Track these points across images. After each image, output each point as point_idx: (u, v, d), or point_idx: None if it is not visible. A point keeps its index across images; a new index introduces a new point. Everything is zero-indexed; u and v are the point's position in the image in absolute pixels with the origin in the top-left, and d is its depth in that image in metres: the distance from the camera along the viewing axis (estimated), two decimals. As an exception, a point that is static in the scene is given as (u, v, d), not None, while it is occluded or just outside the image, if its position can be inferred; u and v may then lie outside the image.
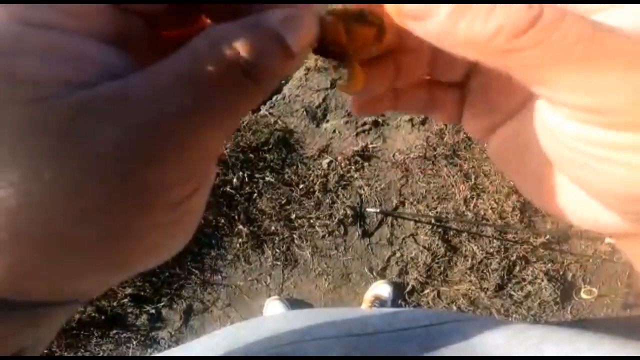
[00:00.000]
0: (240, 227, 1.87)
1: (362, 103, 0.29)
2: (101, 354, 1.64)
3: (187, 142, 0.18)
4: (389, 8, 0.20)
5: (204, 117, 0.18)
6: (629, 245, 0.25)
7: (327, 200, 1.95)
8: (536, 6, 0.17)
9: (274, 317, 0.59)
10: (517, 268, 1.86)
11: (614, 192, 0.20)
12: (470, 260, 1.86)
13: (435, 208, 1.95)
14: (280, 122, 2.02)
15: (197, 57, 0.18)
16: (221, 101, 0.18)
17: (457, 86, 0.29)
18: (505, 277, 1.84)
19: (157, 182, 0.18)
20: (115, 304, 1.70)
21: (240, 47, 0.18)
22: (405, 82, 0.28)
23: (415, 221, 1.94)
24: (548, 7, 0.17)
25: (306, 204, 1.92)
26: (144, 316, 1.71)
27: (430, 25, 0.18)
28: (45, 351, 1.58)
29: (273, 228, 1.90)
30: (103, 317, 1.66)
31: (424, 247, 1.89)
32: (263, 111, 2.05)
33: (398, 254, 1.90)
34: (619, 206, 0.21)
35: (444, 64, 0.27)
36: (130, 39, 0.21)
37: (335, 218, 1.92)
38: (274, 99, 2.09)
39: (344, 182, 1.98)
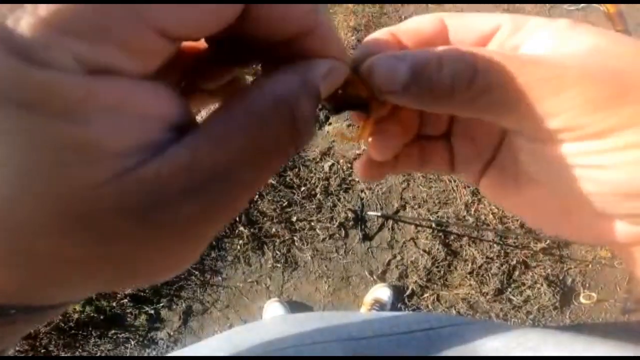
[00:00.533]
0: (241, 228, 1.87)
1: (370, 168, 0.31)
2: (99, 354, 1.63)
3: (237, 205, 0.19)
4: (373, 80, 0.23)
5: (254, 185, 0.18)
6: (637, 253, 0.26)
7: (329, 203, 1.95)
8: (469, 54, 0.21)
9: (273, 320, 0.60)
10: (517, 272, 1.86)
11: (611, 194, 0.22)
12: (470, 264, 1.86)
13: (436, 212, 1.95)
14: (282, 124, 2.02)
15: (263, 125, 0.17)
16: (271, 170, 0.19)
17: (444, 138, 0.31)
18: (505, 281, 1.84)
19: (204, 238, 0.19)
20: (114, 304, 1.69)
21: (299, 115, 0.18)
22: (407, 139, 0.30)
23: (416, 225, 1.94)
24: (479, 52, 0.21)
25: (307, 207, 1.92)
26: (143, 316, 1.70)
27: (403, 95, 0.22)
28: (43, 350, 1.58)
29: (274, 230, 1.90)
30: (102, 317, 1.66)
31: (424, 251, 1.89)
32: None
33: (398, 258, 1.90)
34: (620, 208, 0.23)
35: (430, 116, 0.30)
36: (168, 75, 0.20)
37: (336, 221, 1.92)
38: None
39: (346, 185, 1.98)
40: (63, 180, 0.14)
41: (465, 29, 0.26)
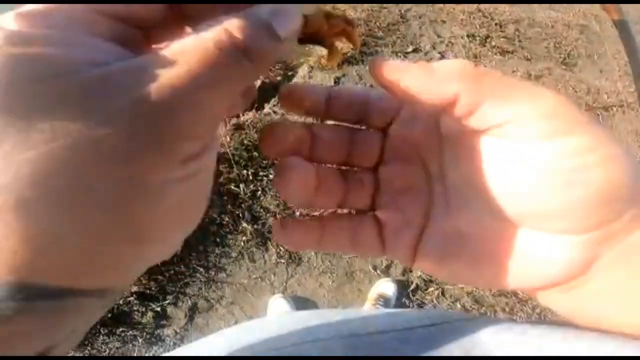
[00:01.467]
0: (245, 225, 1.87)
1: (289, 229, 0.31)
2: (107, 352, 1.65)
3: (196, 101, 0.20)
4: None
5: (210, 82, 0.20)
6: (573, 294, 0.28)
7: (332, 198, 1.94)
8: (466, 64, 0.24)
9: (274, 318, 0.60)
10: (522, 266, 1.85)
11: (595, 194, 0.23)
12: (474, 258, 1.86)
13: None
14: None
15: (201, 39, 0.20)
16: (223, 72, 0.20)
17: (370, 211, 0.32)
18: (510, 275, 1.83)
19: (171, 133, 0.19)
20: (121, 302, 1.71)
21: (238, 33, 0.21)
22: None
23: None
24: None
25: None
26: (150, 314, 1.72)
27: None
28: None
29: (277, 226, 1.90)
30: (110, 315, 1.68)
31: (429, 245, 1.89)
32: (267, 109, 2.06)
33: (402, 252, 1.90)
34: (599, 211, 0.24)
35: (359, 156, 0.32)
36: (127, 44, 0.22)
37: (339, 216, 1.91)
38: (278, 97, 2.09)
39: (348, 180, 1.97)
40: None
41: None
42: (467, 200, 0.29)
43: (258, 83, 1.82)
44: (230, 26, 0.21)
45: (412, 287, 1.83)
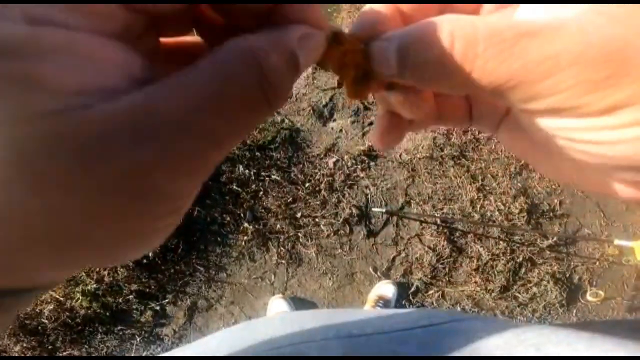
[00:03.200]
0: (246, 225, 1.87)
1: (388, 134, 0.30)
2: (105, 350, 1.64)
3: (202, 160, 0.18)
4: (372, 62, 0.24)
5: (219, 139, 0.18)
6: None
7: (333, 200, 1.94)
8: (447, 33, 0.20)
9: (273, 318, 0.59)
10: (523, 270, 1.85)
11: (616, 167, 0.22)
12: (475, 261, 1.85)
13: (442, 209, 1.94)
14: (287, 121, 2.02)
15: (227, 74, 0.17)
16: (241, 123, 0.18)
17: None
18: (511, 278, 1.83)
19: (167, 195, 0.18)
20: (120, 300, 1.70)
21: (265, 63, 0.18)
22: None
23: (421, 221, 1.93)
24: (459, 31, 0.20)
25: (312, 203, 1.92)
26: (149, 313, 1.71)
27: (397, 76, 0.22)
28: (50, 347, 1.60)
29: (278, 226, 1.90)
30: (108, 313, 1.67)
31: (429, 248, 1.88)
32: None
33: (403, 254, 1.89)
34: (622, 175, 0.22)
35: None
36: (137, 42, 0.19)
37: (340, 217, 1.92)
38: (280, 97, 2.09)
39: (350, 182, 1.98)
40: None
41: None
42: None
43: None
44: (265, 56, 0.18)
45: (413, 289, 1.83)
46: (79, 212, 0.16)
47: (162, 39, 0.23)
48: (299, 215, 1.91)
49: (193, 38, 0.24)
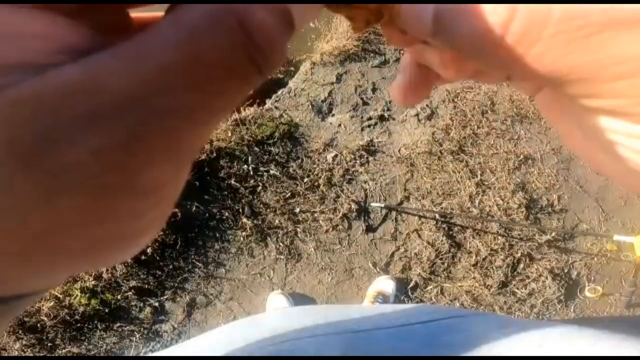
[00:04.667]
0: (244, 220, 1.87)
1: (414, 89, 0.25)
2: (104, 347, 1.64)
3: (176, 142, 0.15)
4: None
5: (199, 116, 0.15)
6: None
7: (332, 195, 1.94)
8: (507, 7, 0.16)
9: (272, 314, 0.59)
10: (522, 265, 1.85)
11: None
12: (474, 256, 1.86)
13: (440, 204, 1.94)
14: (285, 116, 2.01)
15: (196, 35, 0.13)
16: (221, 97, 0.15)
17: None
18: (509, 274, 1.84)
19: (138, 187, 0.15)
20: (119, 296, 1.70)
21: (252, 25, 0.14)
22: None
23: (420, 216, 1.93)
24: (525, 6, 0.16)
25: (310, 198, 1.92)
26: (148, 309, 1.71)
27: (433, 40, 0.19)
28: (49, 344, 1.60)
29: (277, 222, 1.90)
30: (107, 310, 1.67)
31: (428, 243, 1.88)
32: (268, 105, 2.04)
33: (402, 250, 1.90)
34: None
35: None
36: (85, 13, 0.16)
37: (339, 212, 1.91)
38: (279, 92, 2.08)
39: (349, 177, 1.97)
40: None
41: None
42: None
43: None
44: (245, 12, 0.14)
45: (411, 284, 1.83)
46: (34, 220, 0.13)
47: (133, 15, 0.19)
48: (297, 210, 1.91)
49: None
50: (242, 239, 1.86)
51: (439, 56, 0.23)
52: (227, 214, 1.86)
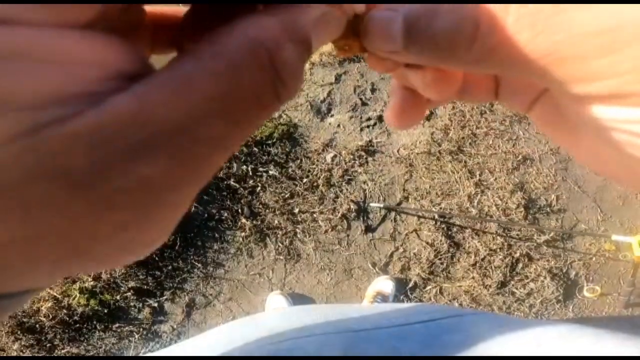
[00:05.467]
0: (244, 220, 1.87)
1: (404, 112, 0.26)
2: (103, 347, 1.64)
3: (208, 167, 0.16)
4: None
5: (229, 143, 0.16)
6: None
7: (331, 195, 1.94)
8: (471, 14, 0.17)
9: (272, 313, 0.59)
10: (520, 265, 1.85)
11: None
12: (473, 256, 1.86)
13: (439, 204, 1.95)
14: (284, 116, 2.01)
15: (237, 72, 0.15)
16: (249, 126, 0.16)
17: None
18: (508, 274, 1.84)
19: (168, 204, 0.16)
20: (118, 297, 1.70)
21: (280, 61, 0.15)
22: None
23: (419, 217, 1.93)
24: (484, 14, 0.17)
25: (310, 198, 1.92)
26: (147, 310, 1.71)
27: (403, 53, 0.19)
28: (48, 345, 1.59)
29: (276, 222, 1.90)
30: (106, 311, 1.67)
31: (427, 243, 1.89)
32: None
33: (401, 250, 1.90)
34: None
35: None
36: (118, 27, 0.16)
37: (338, 212, 1.92)
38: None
39: (348, 177, 1.97)
40: None
41: None
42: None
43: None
44: (278, 46, 0.16)
45: (411, 285, 1.83)
46: (71, 232, 0.14)
47: (148, 10, 0.20)
48: (296, 210, 1.91)
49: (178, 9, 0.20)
50: (241, 239, 1.86)
51: (421, 78, 0.23)
52: (226, 214, 1.86)
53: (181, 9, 0.20)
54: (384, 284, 1.78)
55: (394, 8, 0.19)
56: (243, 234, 1.86)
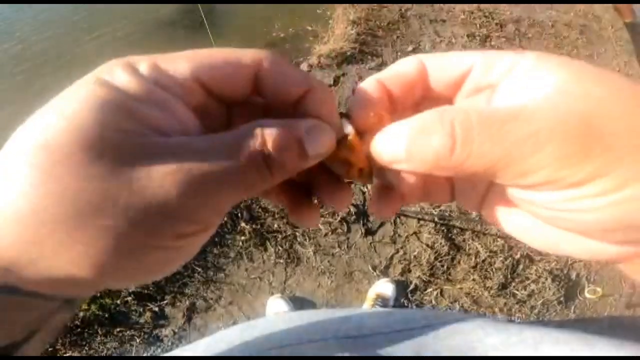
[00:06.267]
0: (243, 224, 1.87)
1: (386, 206, 0.32)
2: (105, 352, 1.64)
3: (211, 196, 0.22)
4: (374, 154, 0.27)
5: (229, 183, 0.23)
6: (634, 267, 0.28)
7: (331, 198, 1.94)
8: (447, 123, 0.23)
9: (271, 318, 0.60)
10: (521, 267, 1.85)
11: (598, 230, 0.24)
12: (473, 258, 1.86)
13: (439, 206, 1.95)
14: (283, 120, 2.01)
15: (240, 137, 0.23)
16: (243, 176, 0.23)
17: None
18: (509, 275, 1.83)
19: (174, 212, 0.22)
20: (118, 301, 1.70)
21: (269, 141, 0.23)
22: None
23: (419, 219, 1.93)
24: (457, 119, 0.23)
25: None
26: (148, 314, 1.71)
27: (404, 165, 0.25)
28: (50, 349, 1.60)
29: (276, 225, 1.90)
30: (107, 315, 1.67)
31: (427, 246, 1.89)
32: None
33: (401, 252, 1.90)
34: (609, 239, 0.24)
35: None
36: (208, 115, 0.26)
37: (338, 216, 1.92)
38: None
39: (348, 180, 1.97)
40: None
41: (441, 70, 0.28)
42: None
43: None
44: (268, 133, 0.23)
45: (411, 287, 1.83)
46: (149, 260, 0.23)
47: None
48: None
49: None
50: (241, 243, 1.86)
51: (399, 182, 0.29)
52: (225, 218, 1.86)
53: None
54: (385, 287, 1.78)
55: (394, 133, 0.25)
56: (243, 237, 1.87)
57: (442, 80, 0.28)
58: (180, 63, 0.24)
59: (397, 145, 0.25)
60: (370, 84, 0.29)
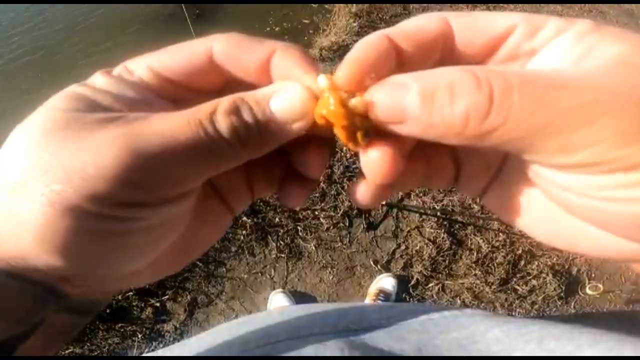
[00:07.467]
0: (244, 218, 1.86)
1: (369, 193, 0.27)
2: (107, 347, 1.64)
3: (159, 163, 0.21)
4: (374, 116, 0.22)
5: (182, 151, 0.22)
6: None
7: (332, 192, 1.94)
8: (484, 82, 0.19)
9: (270, 312, 0.59)
10: (523, 262, 1.85)
11: (632, 225, 0.20)
12: (475, 253, 1.86)
13: (441, 201, 1.94)
14: (285, 114, 2.00)
15: (196, 108, 0.23)
16: (195, 143, 0.22)
17: (450, 150, 0.29)
18: (510, 271, 1.84)
19: (121, 185, 0.21)
20: (120, 297, 1.70)
21: (221, 103, 0.23)
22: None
23: (421, 214, 1.93)
24: (495, 79, 0.19)
25: (311, 196, 1.91)
26: (149, 309, 1.71)
27: (411, 126, 0.21)
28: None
29: (277, 220, 1.90)
30: (108, 311, 1.67)
31: (429, 240, 1.89)
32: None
33: (403, 247, 1.90)
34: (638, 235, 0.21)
35: None
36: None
37: (340, 210, 1.91)
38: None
39: (349, 174, 1.97)
40: None
41: (473, 30, 0.24)
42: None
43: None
44: (220, 100, 0.23)
45: (413, 282, 1.83)
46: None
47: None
48: (298, 208, 1.91)
49: None
50: (242, 237, 1.86)
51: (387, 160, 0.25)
52: (227, 212, 1.85)
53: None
54: (386, 282, 1.78)
55: (402, 83, 0.21)
56: (244, 232, 1.86)
57: (474, 42, 0.24)
58: (140, 60, 0.25)
59: (404, 100, 0.20)
60: (375, 39, 0.23)
